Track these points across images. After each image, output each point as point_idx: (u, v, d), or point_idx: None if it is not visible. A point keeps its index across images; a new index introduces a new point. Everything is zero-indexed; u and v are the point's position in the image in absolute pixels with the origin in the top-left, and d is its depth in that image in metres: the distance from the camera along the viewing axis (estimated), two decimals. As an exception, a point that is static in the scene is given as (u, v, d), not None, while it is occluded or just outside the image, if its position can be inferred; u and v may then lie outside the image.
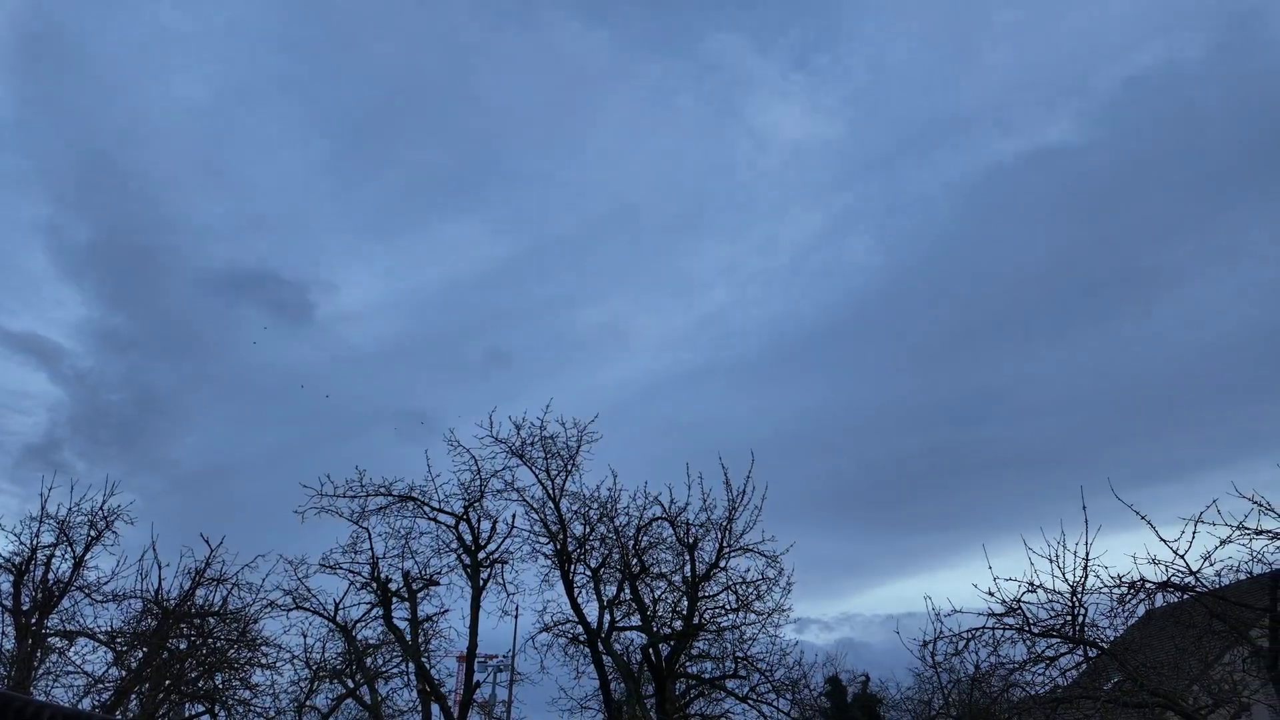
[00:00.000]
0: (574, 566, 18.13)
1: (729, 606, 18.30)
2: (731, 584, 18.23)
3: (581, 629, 18.16)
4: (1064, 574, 11.88)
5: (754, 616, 18.22)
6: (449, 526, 18.91)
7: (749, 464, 17.79)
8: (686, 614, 17.89)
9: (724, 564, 17.97)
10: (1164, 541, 10.81)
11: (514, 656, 27.54)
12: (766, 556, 17.98)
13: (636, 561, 18.06)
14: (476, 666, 19.65)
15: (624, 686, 18.33)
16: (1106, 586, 11.49)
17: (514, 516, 18.81)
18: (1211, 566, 10.77)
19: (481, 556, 18.75)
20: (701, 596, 18.04)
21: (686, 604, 17.97)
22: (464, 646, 18.85)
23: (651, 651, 17.59)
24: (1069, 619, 11.98)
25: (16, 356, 79.27)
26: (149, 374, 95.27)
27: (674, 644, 17.95)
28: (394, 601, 18.79)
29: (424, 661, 18.48)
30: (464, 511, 18.72)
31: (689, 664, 19.40)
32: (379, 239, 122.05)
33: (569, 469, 18.30)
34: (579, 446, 18.28)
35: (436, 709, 18.19)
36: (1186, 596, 11.48)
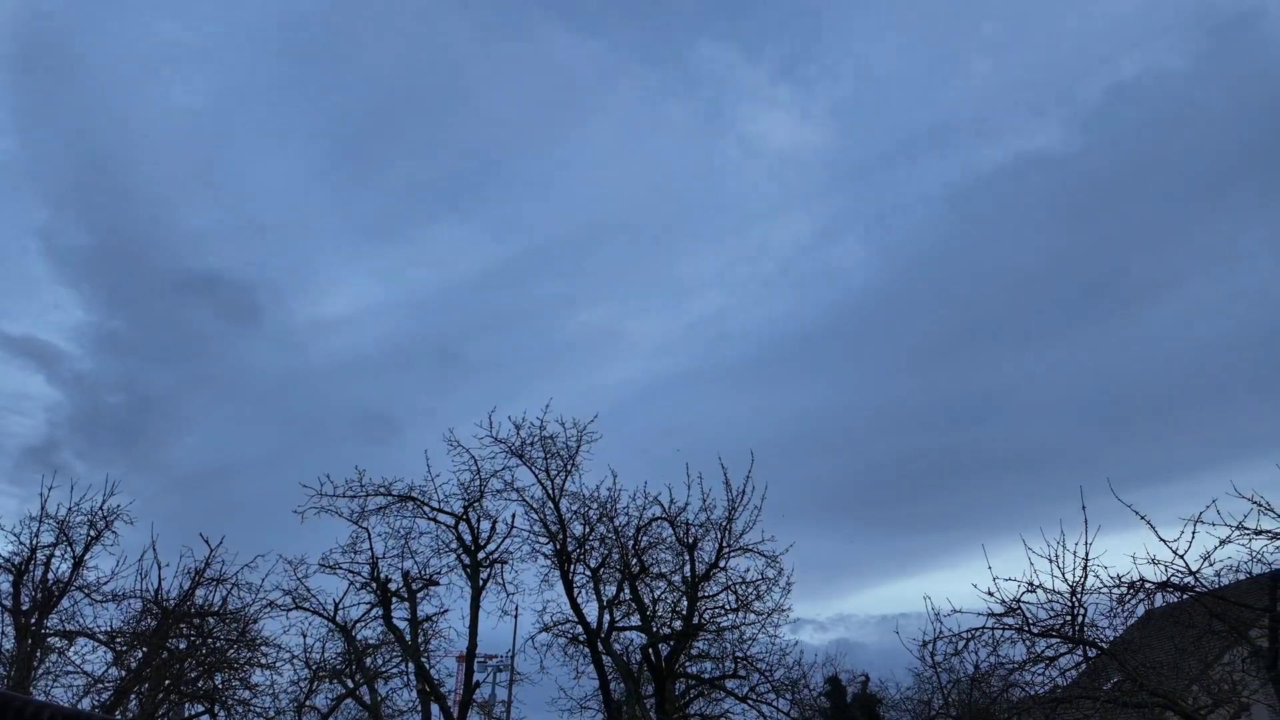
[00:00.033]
0: (573, 566, 18.12)
1: (729, 606, 18.32)
2: (731, 584, 18.26)
3: (581, 629, 18.14)
4: (1063, 574, 11.90)
5: (754, 616, 18.25)
6: (449, 526, 18.91)
7: (749, 464, 17.84)
8: (686, 614, 17.88)
9: (723, 564, 17.99)
10: (1163, 541, 10.83)
11: (514, 656, 27.55)
12: (766, 556, 18.01)
13: (636, 561, 18.06)
14: (476, 666, 19.64)
15: (624, 686, 18.32)
16: (1106, 586, 11.52)
17: (514, 516, 18.82)
18: (1211, 566, 10.79)
19: (481, 556, 18.75)
20: (701, 596, 18.04)
21: (686, 604, 17.97)
22: (464, 646, 18.84)
23: (651, 651, 17.58)
24: (1068, 619, 11.99)
25: (15, 359, 79.40)
26: (147, 376, 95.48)
27: (674, 644, 17.94)
28: (394, 601, 18.78)
29: (424, 661, 18.48)
30: (464, 511, 18.71)
31: (689, 664, 19.39)
32: (375, 244, 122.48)
33: (569, 469, 18.30)
34: (578, 446, 18.29)
35: (436, 709, 18.20)
36: (1186, 596, 11.49)
